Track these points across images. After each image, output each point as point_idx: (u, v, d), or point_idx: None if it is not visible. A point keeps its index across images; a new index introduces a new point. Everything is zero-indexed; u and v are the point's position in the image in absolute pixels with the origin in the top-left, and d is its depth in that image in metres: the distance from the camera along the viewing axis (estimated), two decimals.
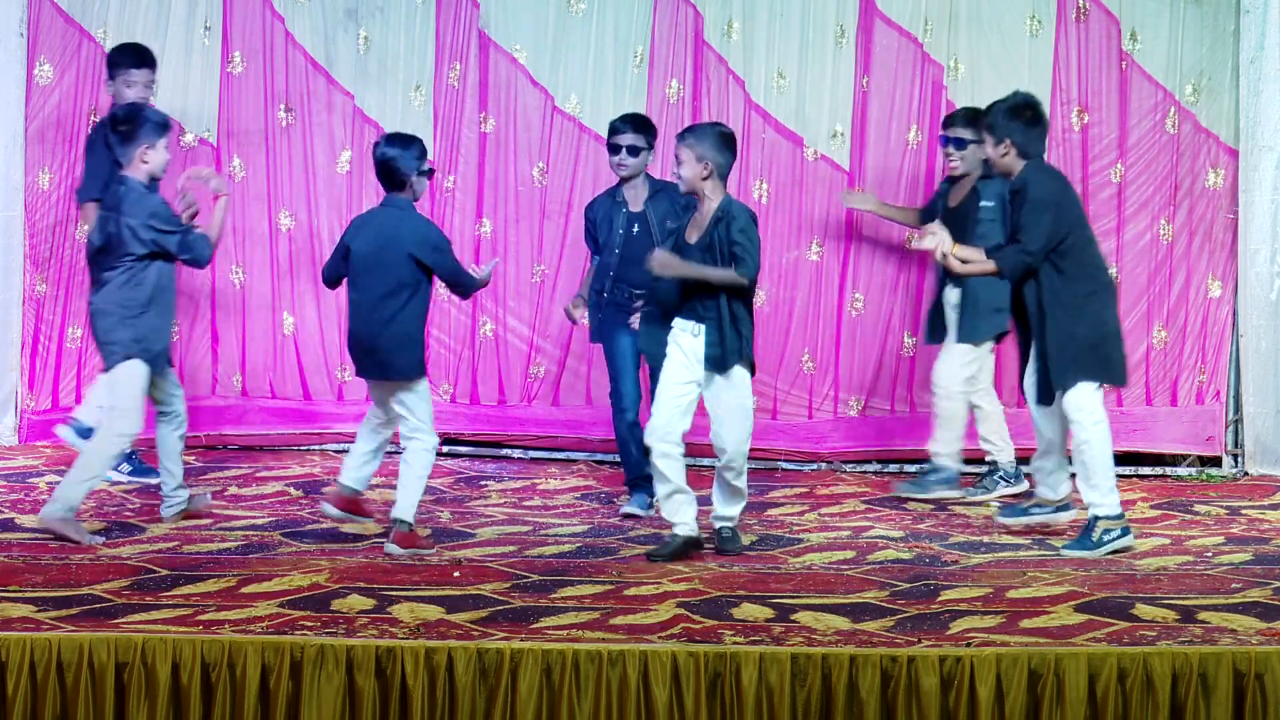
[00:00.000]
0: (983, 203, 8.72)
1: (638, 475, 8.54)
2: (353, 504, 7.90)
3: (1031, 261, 7.76)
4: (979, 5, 9.77)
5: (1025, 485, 8.84)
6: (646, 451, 7.87)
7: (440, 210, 10.00)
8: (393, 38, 9.98)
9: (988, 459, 9.04)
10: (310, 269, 10.00)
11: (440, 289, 8.10)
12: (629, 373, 8.64)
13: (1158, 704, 6.15)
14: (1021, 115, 7.97)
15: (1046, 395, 7.87)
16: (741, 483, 7.79)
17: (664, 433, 7.63)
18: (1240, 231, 9.72)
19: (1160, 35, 9.73)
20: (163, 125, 7.98)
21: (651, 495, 8.25)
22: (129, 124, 7.94)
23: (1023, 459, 8.79)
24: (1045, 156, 8.12)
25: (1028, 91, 8.31)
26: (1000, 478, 8.95)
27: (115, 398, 7.92)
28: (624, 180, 8.69)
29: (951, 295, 8.83)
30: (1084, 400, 7.77)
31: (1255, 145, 9.70)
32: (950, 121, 9.03)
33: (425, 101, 9.99)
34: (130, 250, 7.77)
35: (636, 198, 8.68)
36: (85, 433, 8.74)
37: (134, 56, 9.05)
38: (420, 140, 7.91)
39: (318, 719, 6.13)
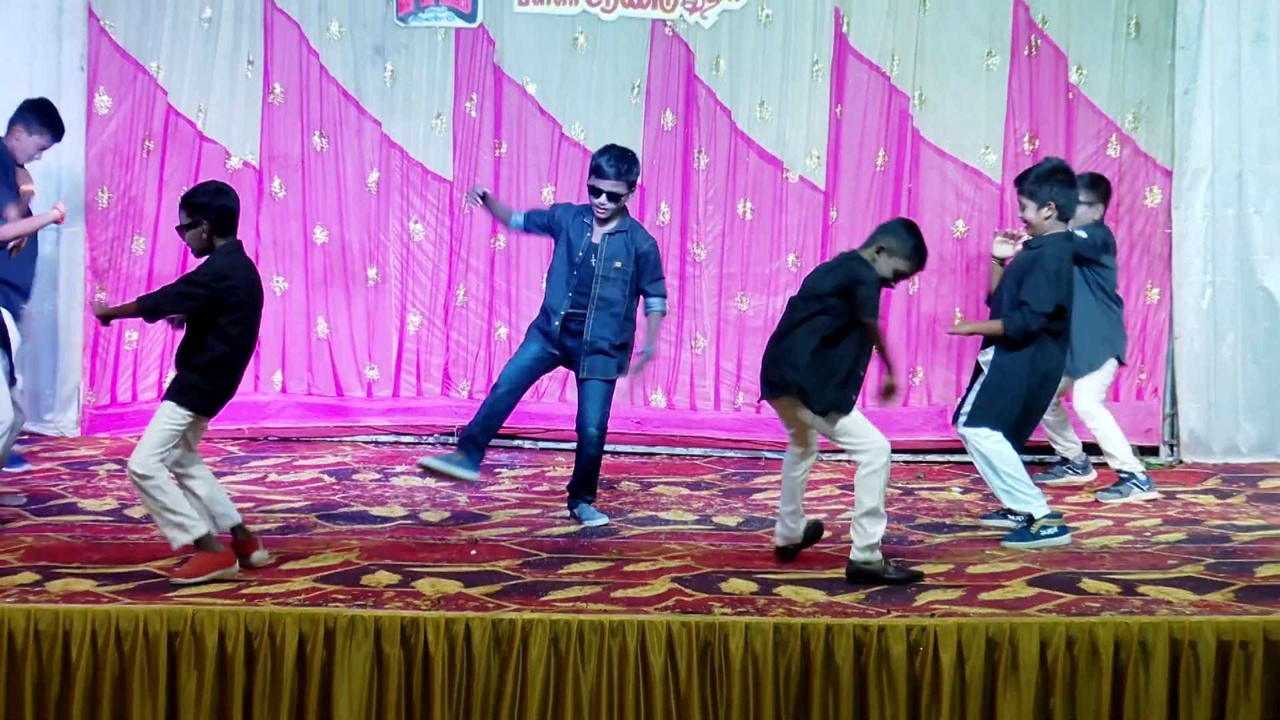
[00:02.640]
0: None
1: (469, 435, 8.10)
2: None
3: (1036, 326, 7.50)
4: (940, 41, 9.76)
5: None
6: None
7: (459, 226, 10.00)
8: (416, 71, 9.97)
9: (1061, 453, 8.98)
10: (342, 279, 10.01)
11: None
12: (522, 367, 8.10)
13: (1102, 669, 6.15)
14: (1058, 179, 7.64)
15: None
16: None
17: None
18: (1175, 245, 9.73)
19: (1104, 69, 9.72)
20: None
21: (471, 460, 7.97)
22: None
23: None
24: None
25: (1059, 158, 8.23)
26: (1072, 469, 8.93)
27: None
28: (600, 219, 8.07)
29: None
30: (988, 431, 7.64)
31: (1189, 168, 9.70)
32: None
33: (445, 128, 9.98)
34: None
35: (601, 228, 8.07)
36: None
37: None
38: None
39: (349, 684, 6.12)
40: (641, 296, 8.16)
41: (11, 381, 7.79)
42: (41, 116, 8.94)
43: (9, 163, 8.82)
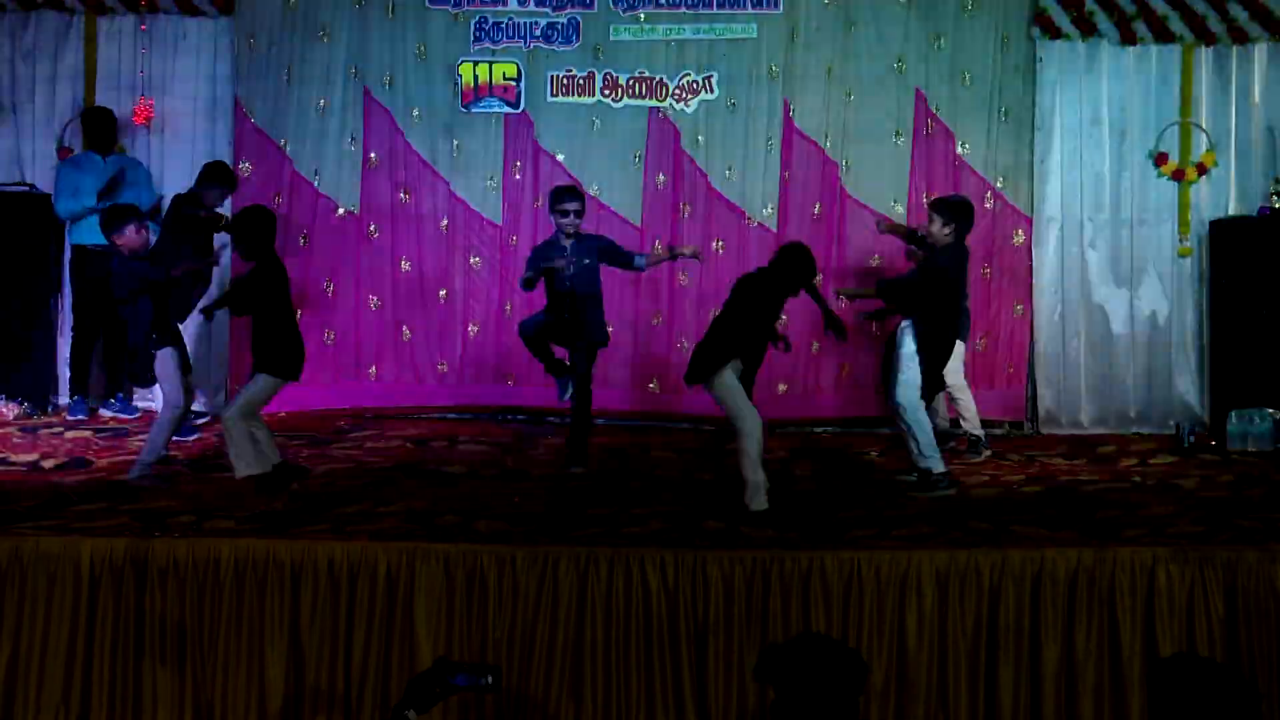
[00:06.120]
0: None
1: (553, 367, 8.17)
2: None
3: (887, 296, 7.59)
4: (862, 124, 9.70)
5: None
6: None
7: (508, 258, 9.93)
8: (476, 144, 9.89)
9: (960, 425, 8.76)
10: (420, 297, 9.93)
11: None
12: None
13: (982, 585, 6.13)
14: (964, 212, 7.63)
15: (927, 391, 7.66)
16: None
17: None
18: (1034, 274, 9.66)
19: (981, 144, 9.66)
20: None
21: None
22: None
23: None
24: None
25: (964, 195, 8.24)
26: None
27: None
28: (567, 234, 8.04)
29: None
30: (916, 401, 7.57)
31: (1044, 217, 9.64)
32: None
33: (497, 187, 9.91)
34: None
35: (572, 246, 8.05)
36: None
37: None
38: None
39: (425, 599, 6.08)
40: (627, 269, 8.33)
41: (187, 370, 7.75)
42: (217, 177, 9.05)
43: (199, 208, 8.92)
